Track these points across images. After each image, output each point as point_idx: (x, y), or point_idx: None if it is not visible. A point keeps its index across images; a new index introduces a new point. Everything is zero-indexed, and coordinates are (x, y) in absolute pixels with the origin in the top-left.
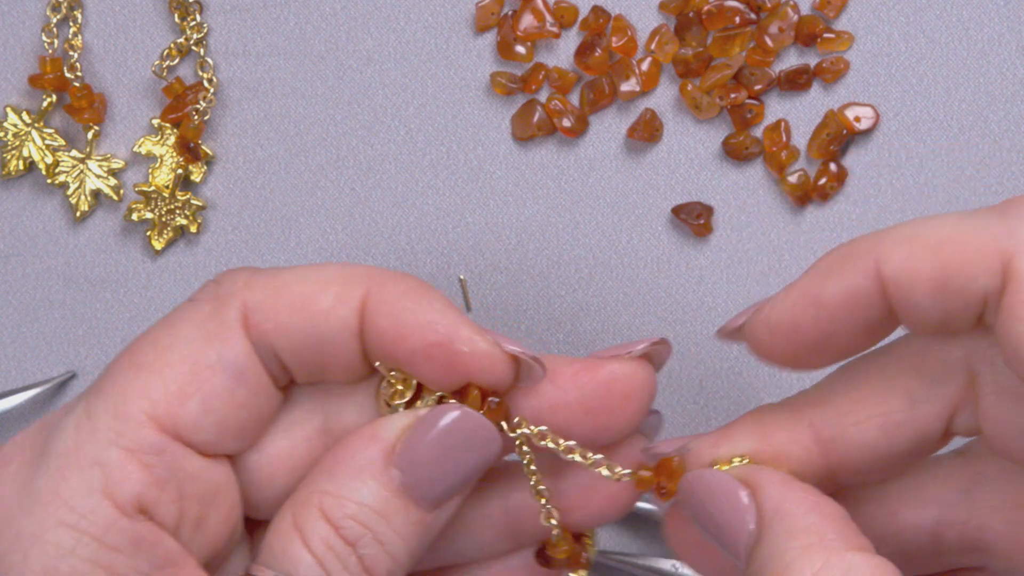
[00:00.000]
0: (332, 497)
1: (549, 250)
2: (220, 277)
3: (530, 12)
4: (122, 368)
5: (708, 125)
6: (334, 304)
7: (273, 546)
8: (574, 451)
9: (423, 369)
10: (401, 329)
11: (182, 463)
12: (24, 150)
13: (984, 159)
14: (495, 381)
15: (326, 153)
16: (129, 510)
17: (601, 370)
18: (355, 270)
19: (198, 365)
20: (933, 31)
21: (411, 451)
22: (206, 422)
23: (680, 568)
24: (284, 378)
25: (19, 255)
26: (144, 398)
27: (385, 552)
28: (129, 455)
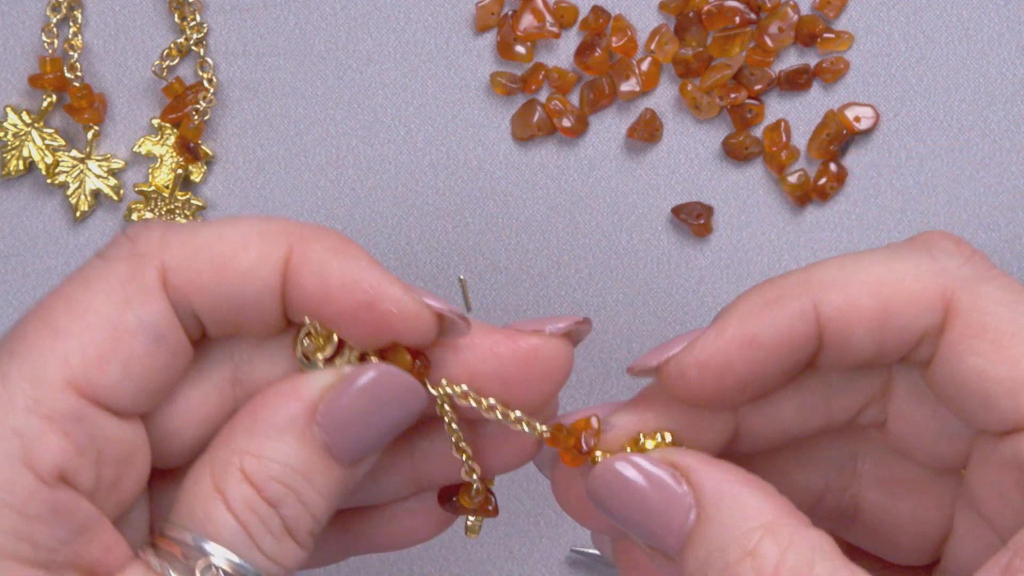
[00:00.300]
0: (253, 457)
1: (549, 250)
2: (133, 233)
3: (530, 12)
4: (36, 330)
5: (708, 125)
6: (256, 264)
7: (193, 508)
8: (495, 409)
9: (349, 329)
10: (327, 290)
11: (101, 428)
12: (24, 150)
13: (984, 159)
14: (420, 339)
15: (326, 153)
16: (49, 479)
17: (520, 343)
18: (275, 225)
19: (118, 329)
20: (933, 31)
21: (334, 410)
22: (126, 387)
23: None
24: (198, 333)
25: (19, 255)
26: (63, 364)
27: (307, 512)
28: (48, 423)
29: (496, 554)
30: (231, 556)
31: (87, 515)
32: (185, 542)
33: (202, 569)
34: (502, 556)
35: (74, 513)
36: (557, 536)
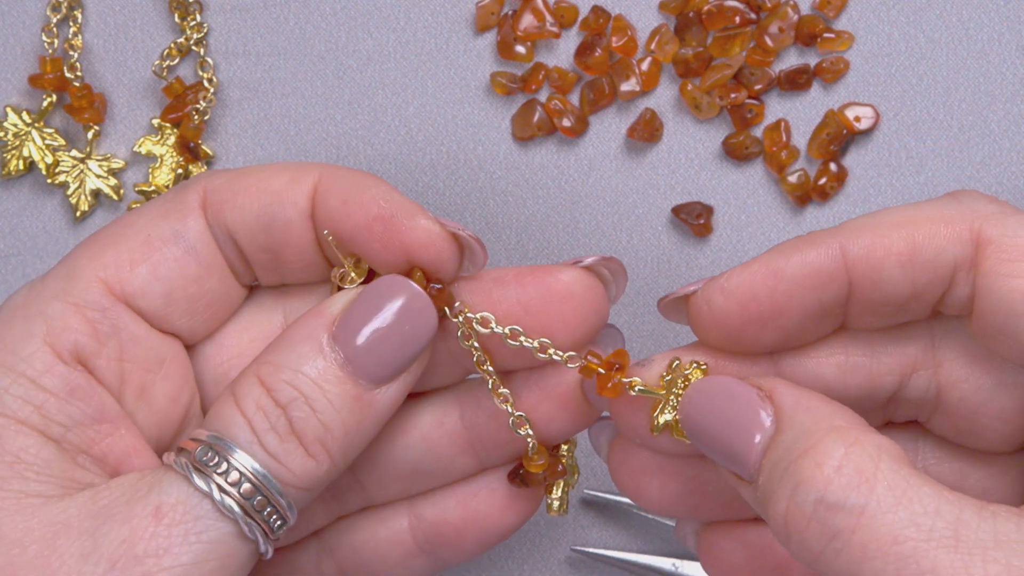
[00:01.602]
0: (271, 365)
1: (549, 250)
2: (189, 179)
3: (530, 12)
4: (84, 243)
5: (708, 125)
6: (287, 185)
7: (213, 412)
8: (518, 336)
9: (367, 243)
10: (347, 205)
11: (127, 324)
12: (24, 150)
13: (984, 159)
14: (437, 259)
15: (326, 153)
16: (67, 357)
17: (544, 274)
18: (309, 164)
19: (151, 237)
20: (933, 31)
21: (348, 320)
22: (154, 289)
23: (679, 567)
24: (247, 274)
25: (19, 255)
26: (96, 263)
27: (316, 418)
28: (73, 308)
29: (496, 554)
30: (246, 457)
31: (106, 406)
32: (200, 439)
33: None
34: (502, 556)
35: (90, 397)
36: (557, 536)
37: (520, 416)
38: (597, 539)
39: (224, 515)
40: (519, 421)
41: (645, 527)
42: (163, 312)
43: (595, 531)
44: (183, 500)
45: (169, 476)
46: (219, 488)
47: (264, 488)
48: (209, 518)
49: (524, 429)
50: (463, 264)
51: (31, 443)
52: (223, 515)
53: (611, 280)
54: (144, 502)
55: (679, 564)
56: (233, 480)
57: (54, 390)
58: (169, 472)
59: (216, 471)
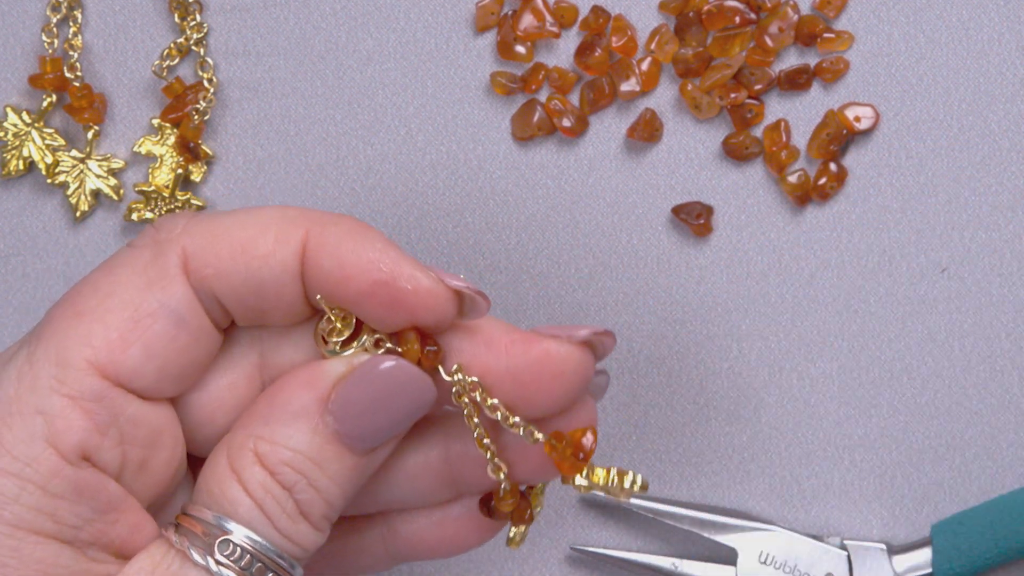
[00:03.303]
0: (266, 443)
1: (549, 250)
2: (159, 222)
3: (530, 12)
4: (63, 315)
5: (708, 125)
6: (274, 247)
7: (211, 487)
8: (497, 409)
9: (367, 308)
10: (344, 269)
11: (124, 408)
12: (24, 150)
13: (984, 159)
14: (439, 317)
15: (326, 153)
16: (72, 458)
17: (536, 346)
18: (292, 212)
19: (139, 312)
20: (933, 31)
21: (345, 400)
22: (148, 368)
23: (679, 567)
24: (225, 320)
25: (19, 255)
26: (86, 345)
27: (320, 497)
28: (71, 403)
29: (496, 554)
30: (250, 533)
31: (112, 495)
32: (206, 520)
33: (219, 544)
34: (502, 556)
35: (98, 492)
36: (557, 536)
37: (498, 463)
38: (597, 539)
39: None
40: (497, 468)
41: (645, 527)
42: (156, 386)
43: (595, 531)
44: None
45: (187, 568)
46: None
47: (272, 563)
48: None
49: (499, 474)
50: (464, 314)
51: (49, 552)
52: None
53: (603, 354)
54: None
55: (679, 564)
56: (246, 563)
57: (63, 494)
58: (186, 562)
59: (229, 556)
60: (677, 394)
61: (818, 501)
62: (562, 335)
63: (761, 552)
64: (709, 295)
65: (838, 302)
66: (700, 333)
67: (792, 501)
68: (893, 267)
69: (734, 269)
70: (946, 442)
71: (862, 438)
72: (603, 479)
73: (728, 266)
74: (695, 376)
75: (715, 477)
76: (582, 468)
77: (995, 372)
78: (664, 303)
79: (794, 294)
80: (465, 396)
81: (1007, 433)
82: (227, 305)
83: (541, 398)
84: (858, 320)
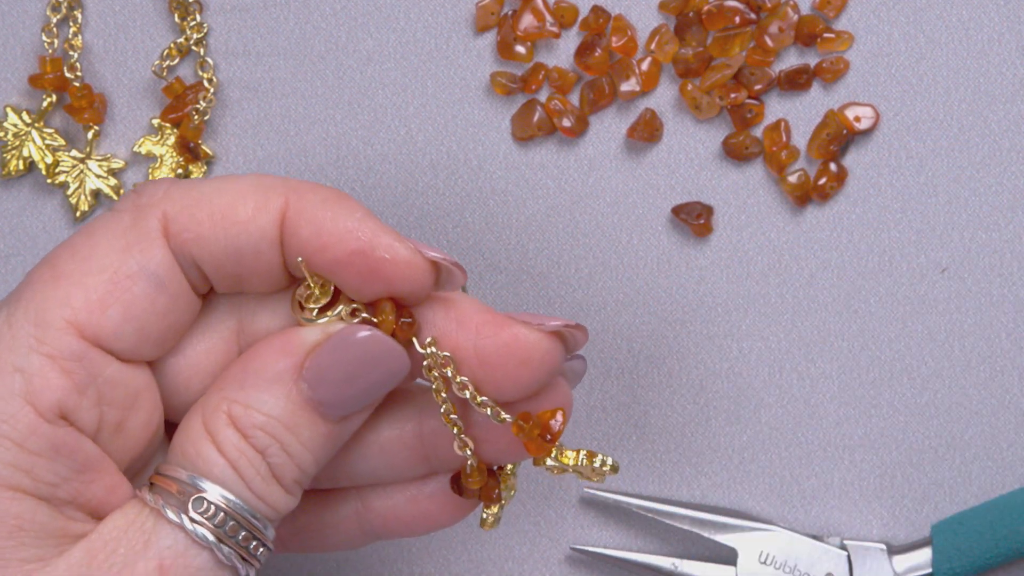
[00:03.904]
0: (240, 406)
1: (549, 250)
2: (140, 187)
3: (530, 12)
4: (42, 277)
5: (708, 125)
6: (253, 214)
7: (185, 447)
8: (466, 387)
9: (344, 277)
10: (322, 238)
11: (102, 369)
12: (24, 150)
13: (984, 159)
14: (416, 288)
15: (326, 153)
16: (50, 416)
17: (506, 329)
18: (272, 180)
19: (119, 274)
20: (933, 31)
21: (319, 367)
22: (127, 330)
23: (679, 567)
24: (204, 286)
25: (19, 255)
26: (65, 306)
27: (292, 462)
28: (50, 361)
29: (496, 554)
30: (225, 492)
31: (89, 455)
32: (180, 479)
33: (193, 502)
34: (502, 556)
35: (75, 451)
36: (557, 536)
37: (464, 440)
38: (597, 538)
39: (223, 564)
40: (463, 444)
41: (645, 527)
42: (135, 349)
43: (595, 531)
44: (182, 552)
45: (161, 525)
46: (213, 532)
47: (246, 521)
48: (209, 568)
49: (466, 450)
50: (440, 285)
51: (26, 508)
52: (222, 564)
53: (573, 347)
54: (145, 558)
55: (679, 564)
56: (220, 521)
57: (40, 451)
58: (160, 520)
59: (203, 514)
60: (677, 394)
61: (818, 501)
62: (533, 322)
63: (761, 552)
64: (709, 295)
65: (838, 302)
66: (700, 333)
67: (792, 501)
68: (893, 267)
69: (734, 269)
70: (946, 442)
71: (862, 438)
72: (573, 460)
73: (728, 266)
74: (695, 376)
75: (715, 477)
76: (549, 450)
77: (995, 372)
78: (664, 303)
79: (794, 294)
80: (436, 371)
81: (1007, 433)
82: (206, 270)
83: (506, 381)
84: (858, 320)
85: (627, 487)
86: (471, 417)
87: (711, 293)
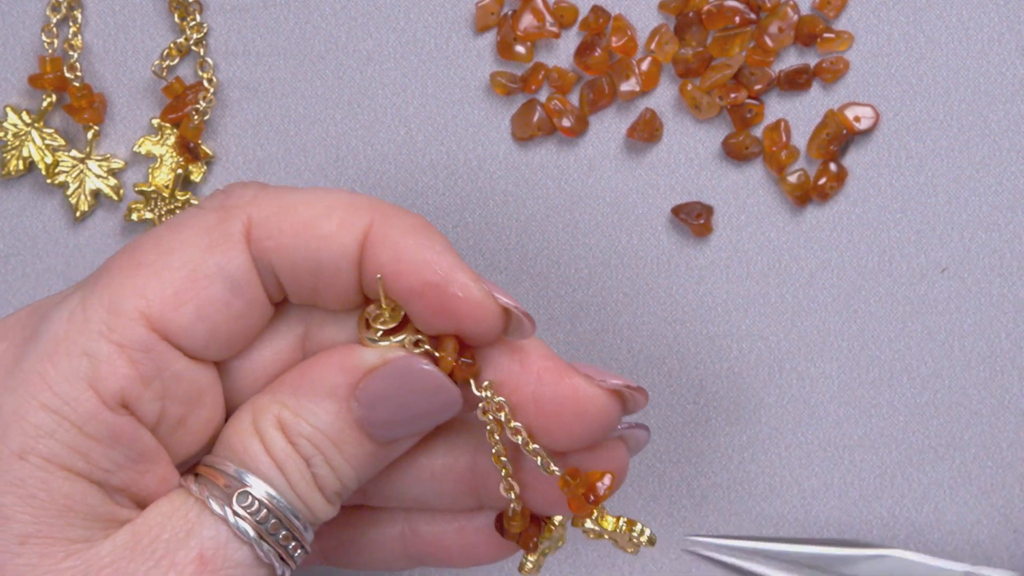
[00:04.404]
0: (291, 413)
1: (549, 250)
2: (230, 188)
3: (530, 12)
4: (122, 265)
5: (708, 125)
6: (337, 230)
7: (233, 442)
8: (519, 433)
9: (415, 306)
10: (400, 264)
11: (169, 363)
12: (24, 150)
13: (984, 159)
14: (483, 330)
15: (326, 153)
16: (112, 403)
17: (567, 380)
18: (362, 200)
19: (197, 272)
20: (933, 31)
21: (373, 390)
22: (198, 329)
23: None
24: (278, 295)
25: (19, 255)
26: (140, 296)
27: (334, 475)
28: (118, 349)
29: None
30: (269, 489)
31: (147, 446)
32: (228, 472)
33: (238, 496)
34: None
35: (133, 441)
36: None
37: (511, 483)
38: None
39: (262, 561)
40: (508, 487)
41: None
42: (204, 348)
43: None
44: (223, 545)
45: (204, 516)
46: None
47: (287, 520)
48: (248, 564)
49: (511, 493)
50: (508, 333)
51: (78, 489)
52: (261, 562)
53: (632, 408)
54: (187, 547)
55: None
56: (262, 518)
57: (98, 437)
58: (203, 511)
59: (247, 508)
60: (677, 394)
61: (818, 501)
62: (596, 377)
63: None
64: (709, 295)
65: (838, 302)
66: (700, 333)
67: (792, 501)
68: (893, 267)
69: (734, 269)
70: (946, 442)
71: (862, 438)
72: (612, 525)
73: (728, 266)
74: (695, 376)
75: (715, 477)
76: (591, 511)
77: (995, 372)
78: (664, 303)
79: (794, 294)
80: (490, 414)
81: (1007, 433)
82: (283, 280)
83: (560, 431)
84: (858, 320)
85: (626, 487)
86: (522, 461)
87: (711, 293)
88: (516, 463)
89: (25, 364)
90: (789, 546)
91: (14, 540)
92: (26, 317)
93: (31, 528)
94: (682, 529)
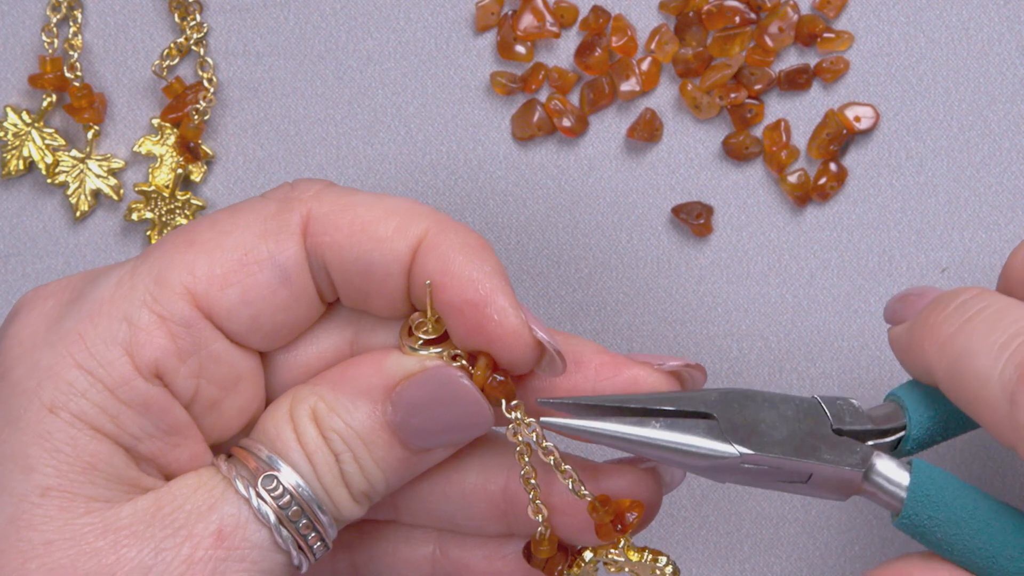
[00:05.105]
0: (326, 406)
1: (549, 250)
2: (297, 181)
3: (530, 12)
4: (176, 240)
5: (708, 125)
6: (393, 235)
7: (267, 427)
8: (551, 454)
9: (453, 322)
10: (445, 277)
11: (209, 342)
12: (24, 150)
13: (984, 159)
14: (514, 359)
15: (326, 153)
16: (145, 372)
17: (626, 370)
18: (422, 209)
19: (248, 257)
20: (933, 31)
21: (408, 396)
22: (242, 313)
23: None
24: (331, 294)
25: (19, 255)
26: (187, 272)
27: (362, 474)
28: (159, 320)
29: None
30: (297, 478)
31: (177, 420)
32: (260, 456)
33: (264, 479)
34: None
35: (165, 412)
36: None
37: (539, 506)
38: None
39: (279, 547)
40: (537, 509)
41: None
42: (246, 334)
43: None
44: (243, 524)
45: (229, 494)
46: (275, 513)
47: (310, 510)
48: (265, 547)
49: (538, 516)
50: (540, 367)
51: (104, 450)
52: (278, 548)
53: (692, 387)
54: (206, 520)
55: None
56: (285, 503)
57: (129, 402)
58: (228, 489)
59: (271, 492)
60: None
61: (817, 500)
62: (653, 363)
63: None
64: (709, 295)
65: (838, 302)
66: (700, 333)
67: (792, 500)
68: (893, 267)
69: (734, 269)
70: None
71: None
72: (637, 557)
73: (728, 266)
74: None
75: None
76: (617, 540)
77: None
78: (664, 303)
79: (794, 294)
80: (520, 435)
81: None
82: (334, 278)
83: None
84: (858, 320)
85: None
86: (552, 487)
87: (711, 293)
88: (546, 488)
89: (67, 322)
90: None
91: (35, 491)
92: (79, 279)
93: (53, 481)
94: (682, 529)
